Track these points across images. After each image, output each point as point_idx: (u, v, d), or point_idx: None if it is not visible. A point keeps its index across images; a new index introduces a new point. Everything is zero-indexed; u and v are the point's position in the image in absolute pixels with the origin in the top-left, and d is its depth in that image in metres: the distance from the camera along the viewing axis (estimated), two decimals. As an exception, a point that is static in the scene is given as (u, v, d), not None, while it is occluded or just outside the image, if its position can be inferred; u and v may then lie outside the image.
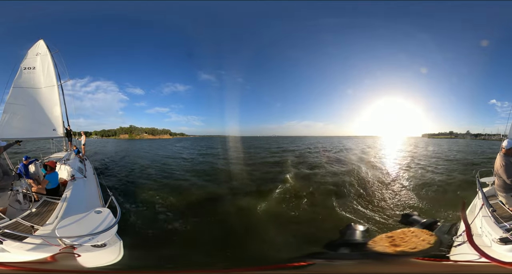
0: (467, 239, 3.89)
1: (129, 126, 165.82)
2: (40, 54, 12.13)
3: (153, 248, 6.29)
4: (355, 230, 6.34)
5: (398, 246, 4.22)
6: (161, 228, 7.73)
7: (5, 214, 4.84)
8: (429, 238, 4.39)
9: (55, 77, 12.24)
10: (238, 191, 11.43)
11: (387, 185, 12.62)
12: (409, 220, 6.99)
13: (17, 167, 7.26)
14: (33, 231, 4.36)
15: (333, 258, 4.40)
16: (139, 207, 9.25)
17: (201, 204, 9.97)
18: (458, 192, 10.52)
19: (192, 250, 6.30)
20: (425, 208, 9.14)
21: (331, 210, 9.10)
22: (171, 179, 14.72)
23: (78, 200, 5.83)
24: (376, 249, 4.27)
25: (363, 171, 16.56)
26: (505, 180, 4.81)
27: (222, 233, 7.21)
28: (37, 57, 12.07)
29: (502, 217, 4.42)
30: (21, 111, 11.14)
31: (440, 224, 6.00)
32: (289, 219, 8.51)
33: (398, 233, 4.61)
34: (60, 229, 3.84)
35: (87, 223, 4.11)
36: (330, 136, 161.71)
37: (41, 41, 12.38)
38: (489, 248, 3.88)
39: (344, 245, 5.23)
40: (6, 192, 5.20)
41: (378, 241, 4.50)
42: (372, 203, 9.70)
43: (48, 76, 12.09)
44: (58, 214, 4.90)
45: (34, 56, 12.08)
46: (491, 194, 5.56)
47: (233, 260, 5.86)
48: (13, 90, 11.15)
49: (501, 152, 5.03)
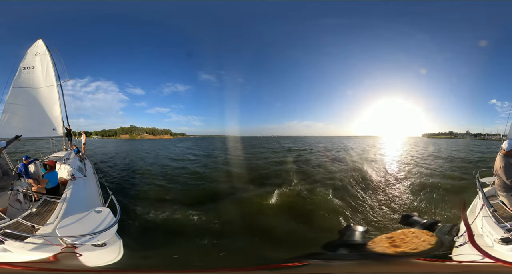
0: (469, 240, 3.88)
1: (130, 126, 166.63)
2: (39, 53, 12.11)
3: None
4: (354, 231, 6.32)
5: (399, 247, 4.20)
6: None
7: (6, 214, 4.85)
8: (430, 238, 4.37)
9: (54, 76, 12.22)
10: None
11: (387, 185, 12.63)
12: (409, 221, 6.94)
13: (17, 167, 7.26)
14: (34, 231, 4.36)
15: (331, 259, 4.38)
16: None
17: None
18: (458, 192, 10.51)
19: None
20: (425, 208, 9.14)
21: (330, 210, 9.12)
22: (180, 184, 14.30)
23: (78, 200, 5.84)
24: (375, 250, 4.27)
25: (363, 170, 16.59)
26: (505, 180, 4.82)
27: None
28: (36, 57, 12.05)
29: (503, 217, 4.42)
30: (21, 111, 11.11)
31: (441, 225, 6.00)
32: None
33: (398, 234, 4.60)
34: (60, 228, 3.84)
35: (87, 222, 4.12)
36: (330, 136, 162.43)
37: (40, 40, 12.35)
38: (491, 248, 3.87)
39: (343, 246, 5.22)
40: (6, 192, 5.21)
41: (378, 241, 4.48)
42: (371, 204, 9.71)
43: (47, 76, 12.06)
44: (58, 214, 4.91)
45: (33, 56, 12.05)
46: (491, 194, 5.54)
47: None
48: (12, 90, 11.13)
49: (500, 153, 5.02)
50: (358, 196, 10.58)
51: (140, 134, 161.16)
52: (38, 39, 12.36)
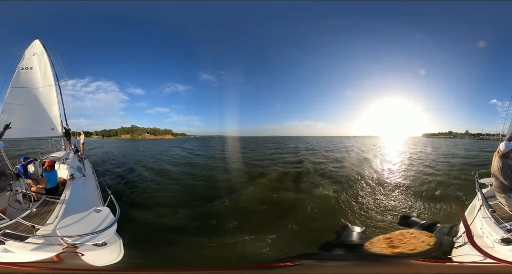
0: (468, 241, 3.86)
1: (131, 126, 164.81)
2: (37, 54, 12.09)
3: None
4: (351, 231, 6.32)
5: (396, 248, 4.18)
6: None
7: (5, 214, 4.86)
8: (428, 239, 4.35)
9: (52, 76, 12.21)
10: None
11: (386, 186, 12.48)
12: (407, 222, 6.91)
13: (16, 167, 7.26)
14: (34, 231, 4.38)
15: (325, 259, 4.37)
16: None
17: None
18: (457, 192, 10.40)
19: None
20: (423, 208, 9.05)
21: (329, 209, 9.12)
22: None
23: (77, 199, 5.85)
24: (372, 251, 4.25)
25: (363, 170, 16.62)
26: (503, 181, 4.78)
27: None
28: (34, 57, 12.04)
29: (502, 218, 4.41)
30: (20, 111, 11.12)
31: (440, 226, 5.97)
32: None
33: (396, 235, 4.58)
34: (61, 228, 3.86)
35: (87, 222, 4.14)
36: (330, 136, 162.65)
37: (37, 40, 12.34)
38: (492, 249, 3.85)
39: (339, 246, 5.20)
40: (5, 193, 5.21)
41: (376, 242, 4.47)
42: (370, 204, 9.65)
43: (45, 76, 12.06)
44: (58, 214, 4.91)
45: (31, 56, 12.04)
46: (490, 195, 5.48)
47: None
48: (11, 90, 11.13)
49: (497, 154, 4.97)
50: (356, 197, 10.54)
51: (141, 135, 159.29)
52: (35, 39, 12.34)
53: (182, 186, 13.23)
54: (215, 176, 15.47)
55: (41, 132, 11.80)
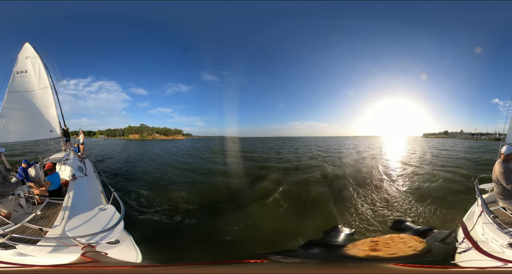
0: (473, 246, 3.85)
1: (140, 125, 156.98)
2: (30, 57, 11.97)
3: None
4: (339, 232, 6.29)
5: (377, 251, 4.14)
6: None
7: (10, 219, 4.90)
8: (416, 244, 4.32)
9: (47, 79, 12.12)
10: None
11: (385, 186, 12.43)
12: (401, 227, 6.87)
13: (16, 170, 7.24)
14: (43, 233, 4.41)
15: (292, 256, 4.35)
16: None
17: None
18: (456, 196, 9.85)
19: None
20: (419, 213, 8.62)
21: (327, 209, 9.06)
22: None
23: (81, 199, 5.89)
24: (348, 252, 4.22)
25: (363, 170, 16.63)
26: (505, 186, 4.73)
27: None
28: (27, 60, 11.93)
29: (506, 223, 4.41)
30: (18, 115, 11.09)
31: (436, 231, 5.83)
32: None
33: (385, 238, 4.54)
34: (70, 229, 3.90)
35: (94, 221, 4.19)
36: (333, 136, 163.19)
37: (27, 44, 12.16)
38: (502, 254, 3.82)
39: (320, 245, 5.20)
40: (8, 198, 5.22)
41: (359, 244, 4.44)
42: (369, 205, 9.53)
43: (40, 79, 11.97)
44: (64, 215, 4.95)
45: (24, 60, 11.93)
46: (490, 201, 5.42)
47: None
48: (8, 95, 11.08)
49: (499, 159, 4.92)
50: (355, 196, 10.46)
51: (152, 135, 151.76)
52: (25, 43, 12.16)
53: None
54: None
55: (40, 135, 11.80)
